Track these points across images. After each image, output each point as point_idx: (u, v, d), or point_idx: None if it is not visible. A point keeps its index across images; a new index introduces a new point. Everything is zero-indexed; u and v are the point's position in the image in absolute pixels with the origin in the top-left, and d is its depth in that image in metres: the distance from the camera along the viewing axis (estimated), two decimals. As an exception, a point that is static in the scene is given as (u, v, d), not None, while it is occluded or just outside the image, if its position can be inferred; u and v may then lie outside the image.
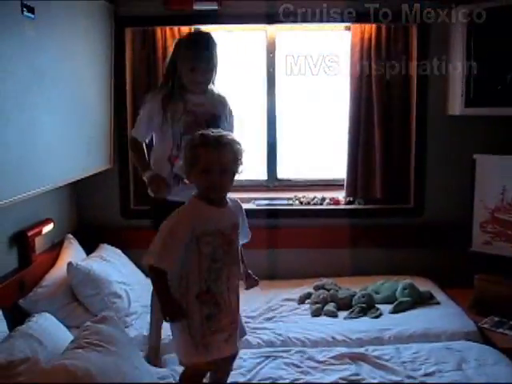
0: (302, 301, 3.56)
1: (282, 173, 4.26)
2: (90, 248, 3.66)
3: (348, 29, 3.97)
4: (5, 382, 2.09)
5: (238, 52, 4.12)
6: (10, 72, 2.41)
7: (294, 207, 4.08)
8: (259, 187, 4.16)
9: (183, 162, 2.26)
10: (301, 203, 4.10)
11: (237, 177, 2.27)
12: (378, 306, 3.42)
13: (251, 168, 4.18)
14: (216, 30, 3.99)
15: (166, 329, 2.69)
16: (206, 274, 2.16)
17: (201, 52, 2.73)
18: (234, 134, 2.86)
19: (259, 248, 3.73)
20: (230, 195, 2.34)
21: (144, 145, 2.94)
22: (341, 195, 4.13)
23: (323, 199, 4.11)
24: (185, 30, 3.83)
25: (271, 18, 3.86)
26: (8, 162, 2.42)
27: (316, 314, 3.37)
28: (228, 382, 2.48)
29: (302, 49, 4.09)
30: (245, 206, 2.43)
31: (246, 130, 4.12)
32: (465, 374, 2.64)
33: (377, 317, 3.32)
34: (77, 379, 2.07)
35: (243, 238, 2.40)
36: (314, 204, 4.09)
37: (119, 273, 3.45)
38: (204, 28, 3.93)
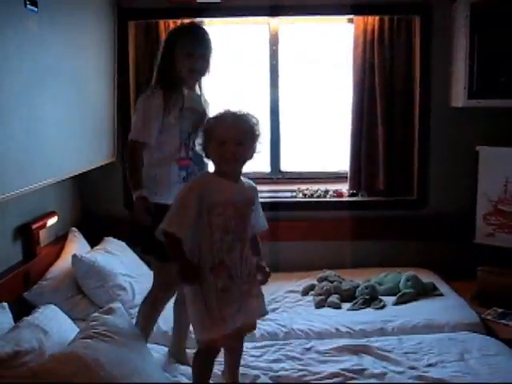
0: (305, 293, 3.57)
1: (286, 165, 4.27)
2: (94, 241, 3.68)
3: (351, 21, 3.97)
4: (11, 372, 2.10)
5: (240, 45, 4.12)
6: (15, 66, 2.42)
7: (297, 199, 4.10)
8: (262, 179, 4.16)
9: (201, 138, 2.29)
10: (304, 196, 4.11)
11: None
12: (381, 297, 3.43)
13: (254, 160, 4.20)
14: (219, 23, 4.01)
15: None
16: (219, 246, 2.19)
17: (198, 39, 2.68)
18: None
19: (263, 240, 3.72)
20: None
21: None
22: (344, 187, 4.14)
23: (326, 192, 4.11)
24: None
25: (274, 11, 3.87)
26: (12, 155, 2.42)
27: (319, 305, 3.38)
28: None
29: (305, 41, 4.11)
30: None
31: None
32: (467, 364, 2.65)
33: (380, 308, 3.33)
34: (88, 367, 2.09)
35: (260, 225, 2.44)
36: (318, 196, 4.10)
37: (123, 265, 3.46)
38: (207, 21, 3.97)
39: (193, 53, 2.64)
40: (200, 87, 2.82)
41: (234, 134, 2.20)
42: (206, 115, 2.73)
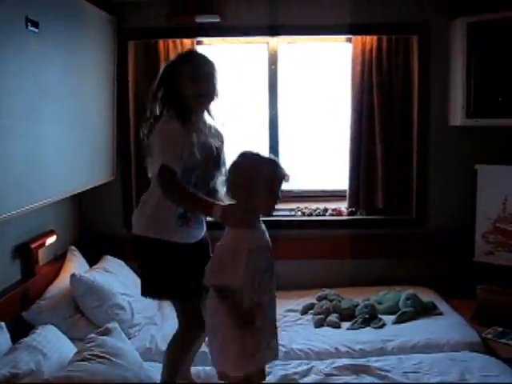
0: (304, 311, 3.56)
1: (284, 184, 4.25)
2: (93, 259, 3.67)
3: (349, 40, 3.99)
4: None
5: (239, 64, 4.14)
6: (15, 86, 2.44)
7: (296, 218, 4.09)
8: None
9: (244, 182, 2.25)
10: (303, 214, 4.11)
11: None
12: (380, 316, 3.42)
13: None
14: (218, 43, 4.04)
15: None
16: (257, 287, 2.21)
17: (202, 63, 2.58)
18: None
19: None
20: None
21: None
22: (343, 206, 4.13)
23: (325, 210, 4.11)
24: (187, 42, 3.86)
25: (273, 31, 3.89)
26: (12, 174, 2.43)
27: (319, 324, 3.37)
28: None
29: (304, 60, 4.13)
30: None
31: (248, 141, 4.15)
32: (468, 384, 2.63)
33: (380, 327, 3.31)
34: None
35: None
36: (317, 215, 4.09)
37: (122, 284, 3.45)
38: (206, 40, 4.00)
39: (198, 77, 2.51)
40: (210, 115, 2.67)
41: (279, 189, 2.31)
42: (216, 150, 2.62)
